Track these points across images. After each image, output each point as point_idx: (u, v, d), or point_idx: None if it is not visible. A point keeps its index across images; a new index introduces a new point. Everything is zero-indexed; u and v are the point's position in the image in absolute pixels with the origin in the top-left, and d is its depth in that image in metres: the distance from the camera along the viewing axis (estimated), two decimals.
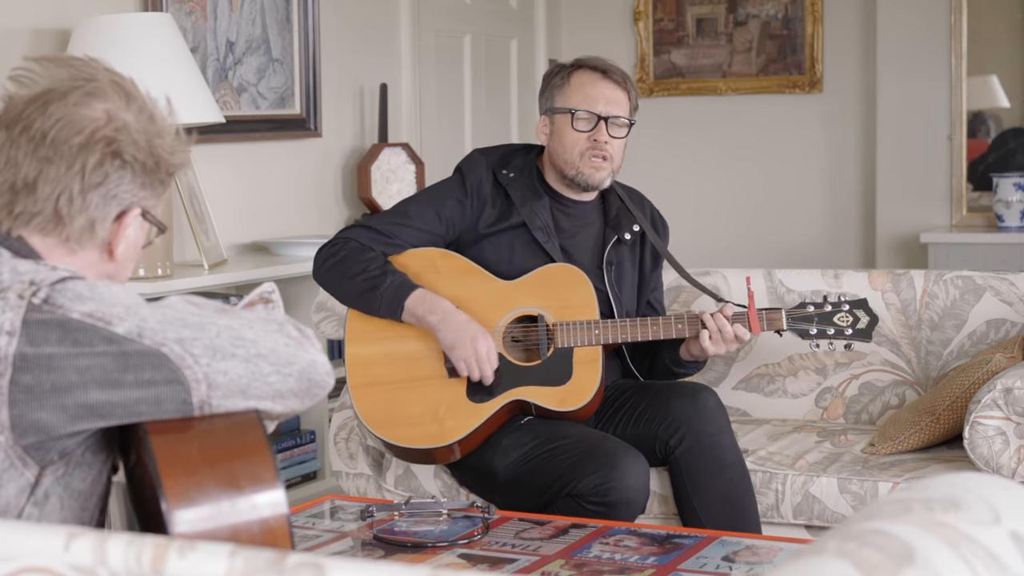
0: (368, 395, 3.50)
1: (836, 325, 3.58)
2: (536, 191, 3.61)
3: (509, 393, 3.48)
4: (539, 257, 3.57)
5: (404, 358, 3.51)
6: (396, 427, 3.49)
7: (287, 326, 1.92)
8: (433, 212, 3.57)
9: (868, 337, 3.60)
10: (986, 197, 6.23)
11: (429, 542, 2.92)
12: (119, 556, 1.35)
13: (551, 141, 3.62)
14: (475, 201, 3.59)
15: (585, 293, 3.52)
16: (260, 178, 5.26)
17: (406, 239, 3.55)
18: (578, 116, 3.56)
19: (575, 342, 3.49)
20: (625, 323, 3.51)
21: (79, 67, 1.94)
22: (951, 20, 6.22)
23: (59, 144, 1.88)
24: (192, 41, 4.83)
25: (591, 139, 3.56)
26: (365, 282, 3.46)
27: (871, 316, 3.60)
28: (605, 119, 3.56)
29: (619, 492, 3.25)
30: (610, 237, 3.65)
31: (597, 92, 3.58)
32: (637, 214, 3.69)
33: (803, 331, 3.57)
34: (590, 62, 3.64)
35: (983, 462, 3.40)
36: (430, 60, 6.16)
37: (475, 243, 3.59)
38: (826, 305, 3.59)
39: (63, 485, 1.84)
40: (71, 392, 1.77)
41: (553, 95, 3.63)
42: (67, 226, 1.91)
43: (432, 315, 3.44)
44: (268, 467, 1.80)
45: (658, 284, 3.80)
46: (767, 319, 3.55)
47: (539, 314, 3.52)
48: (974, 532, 1.25)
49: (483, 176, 3.61)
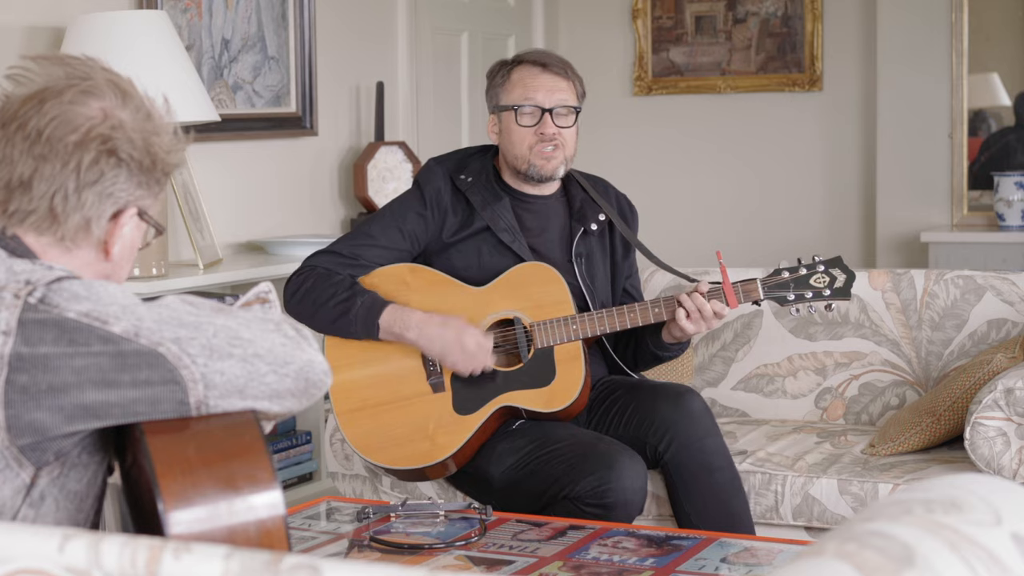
0: (355, 420, 3.51)
1: (813, 287, 3.54)
2: (495, 193, 3.61)
3: (496, 401, 3.48)
4: (508, 258, 3.57)
5: (386, 379, 3.51)
6: (387, 450, 3.49)
7: (284, 326, 1.92)
8: (395, 228, 3.57)
9: (847, 295, 3.56)
10: (987, 196, 6.24)
11: (426, 544, 2.92)
12: (113, 558, 1.35)
13: (501, 139, 3.63)
14: (436, 211, 3.59)
15: (558, 289, 3.52)
16: (256, 177, 5.26)
17: (372, 259, 3.55)
18: (522, 111, 3.57)
19: (554, 340, 3.49)
20: (602, 314, 3.50)
21: (76, 66, 1.94)
22: (952, 17, 6.22)
23: (54, 142, 1.88)
24: (187, 39, 4.83)
25: (537, 132, 3.56)
26: (336, 307, 3.47)
27: (848, 273, 3.56)
28: (549, 111, 3.56)
29: (616, 494, 3.25)
30: (576, 229, 3.64)
31: (537, 84, 3.58)
32: (602, 203, 3.68)
33: (780, 298, 3.54)
34: (529, 56, 3.65)
35: (984, 463, 3.40)
36: (427, 58, 6.16)
37: (442, 253, 3.59)
38: (800, 268, 3.55)
39: (59, 486, 1.84)
40: (67, 392, 1.77)
41: (497, 93, 3.64)
42: (62, 225, 1.91)
43: (408, 331, 3.44)
44: (265, 468, 1.80)
45: (632, 271, 3.79)
46: (743, 291, 3.52)
47: (515, 317, 3.52)
48: (975, 534, 1.26)
49: (441, 185, 3.61)
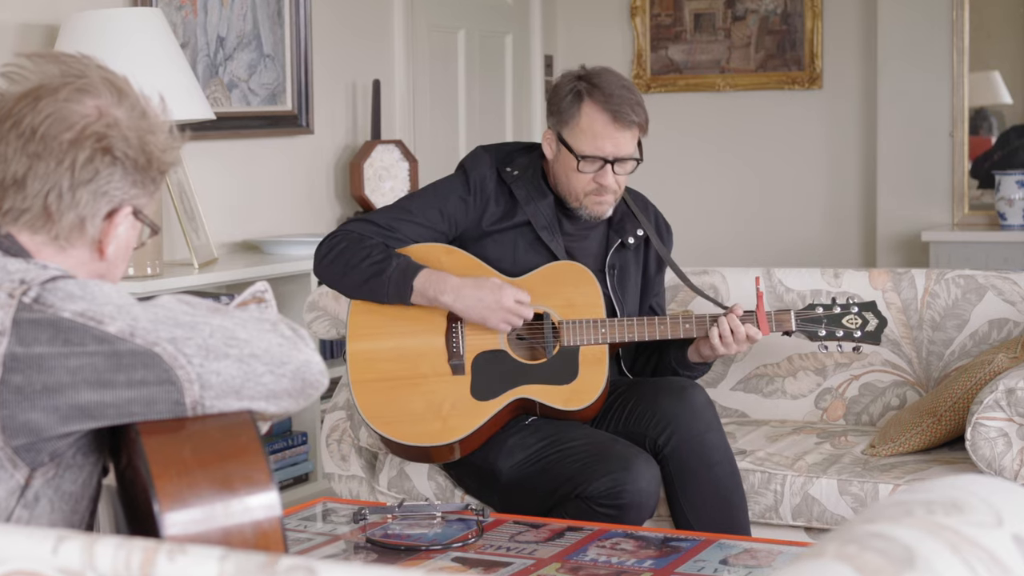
0: (370, 390, 3.49)
1: (845, 327, 3.58)
2: (541, 190, 3.59)
3: (514, 391, 3.48)
4: (543, 255, 3.56)
5: (408, 355, 3.50)
6: (397, 423, 3.48)
7: (281, 326, 1.92)
8: (436, 209, 3.56)
9: (877, 340, 3.61)
10: (988, 195, 6.24)
11: (423, 545, 2.92)
12: (108, 559, 1.35)
13: (555, 163, 3.57)
14: (478, 198, 3.58)
15: (591, 291, 3.52)
16: (251, 176, 5.26)
17: (408, 234, 3.53)
18: (584, 160, 3.48)
19: (581, 340, 3.49)
20: (632, 322, 3.50)
21: (71, 64, 1.94)
22: (952, 15, 6.22)
23: (48, 140, 1.88)
24: (182, 37, 4.83)
25: (595, 180, 3.51)
26: (370, 267, 3.44)
27: (880, 319, 3.61)
28: (612, 162, 3.50)
29: (632, 495, 3.25)
30: (613, 241, 3.64)
31: (606, 135, 3.47)
32: (642, 219, 3.67)
33: (812, 332, 3.58)
34: (601, 95, 3.48)
35: (985, 464, 3.41)
36: (424, 56, 6.16)
37: (478, 241, 3.58)
38: (835, 307, 3.59)
39: (53, 487, 1.84)
40: (62, 393, 1.77)
41: (562, 120, 3.52)
42: (56, 223, 1.91)
43: (444, 295, 3.42)
44: (262, 469, 1.80)
45: (661, 289, 3.79)
46: (776, 320, 3.56)
47: (544, 312, 3.52)
48: (976, 535, 1.26)
49: (487, 173, 3.59)
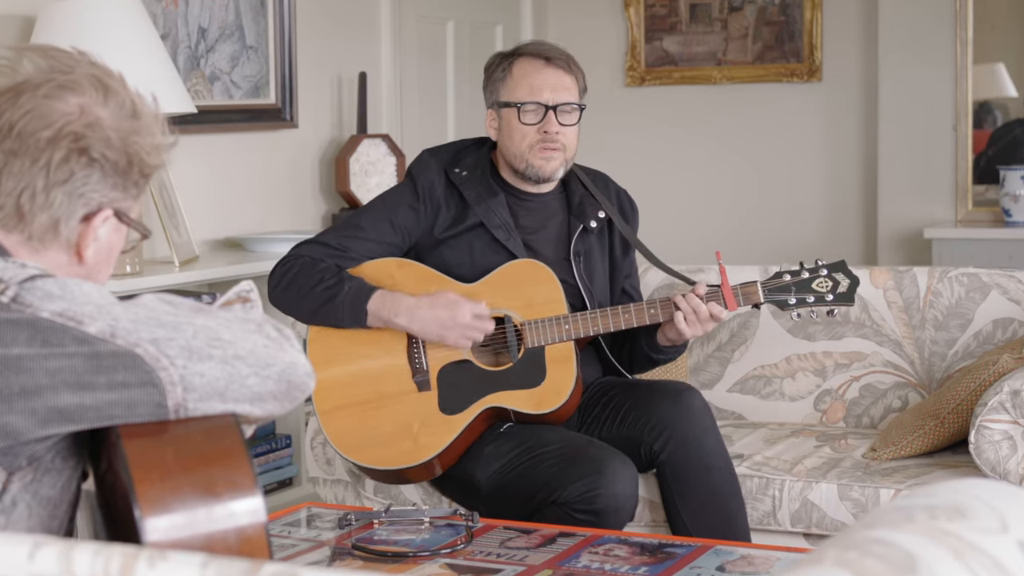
0: (337, 419, 3.50)
1: (815, 291, 3.56)
2: (491, 188, 3.60)
3: (483, 401, 3.48)
4: (502, 255, 3.57)
5: (370, 376, 3.51)
6: (369, 449, 3.49)
7: (266, 326, 1.92)
8: (386, 222, 3.57)
9: (851, 300, 3.58)
10: (992, 191, 6.25)
11: (410, 551, 2.93)
12: (86, 566, 1.34)
13: (500, 136, 3.61)
14: (428, 205, 3.59)
15: (550, 288, 3.52)
16: (233, 171, 5.26)
17: (360, 252, 3.54)
18: (524, 109, 3.55)
19: (546, 340, 3.49)
20: (596, 314, 3.50)
21: (60, 59, 1.92)
22: (956, 5, 6.23)
23: (25, 137, 1.87)
24: (162, 28, 4.83)
25: (540, 131, 3.54)
26: (323, 292, 3.46)
27: (851, 278, 3.58)
28: (553, 108, 3.54)
29: (607, 499, 3.25)
30: (575, 227, 3.64)
31: (541, 81, 3.56)
32: (602, 199, 3.68)
33: (781, 302, 3.55)
34: (530, 48, 3.62)
35: (989, 468, 3.41)
36: (411, 47, 6.16)
37: (434, 248, 3.59)
38: (803, 271, 3.57)
39: (31, 492, 1.83)
40: (41, 395, 1.76)
41: (496, 88, 3.62)
42: (28, 224, 1.89)
43: (398, 316, 3.44)
44: (246, 473, 1.80)
45: (632, 270, 3.79)
46: (742, 293, 3.53)
47: (505, 315, 3.52)
48: (980, 541, 1.26)
49: (435, 178, 3.60)
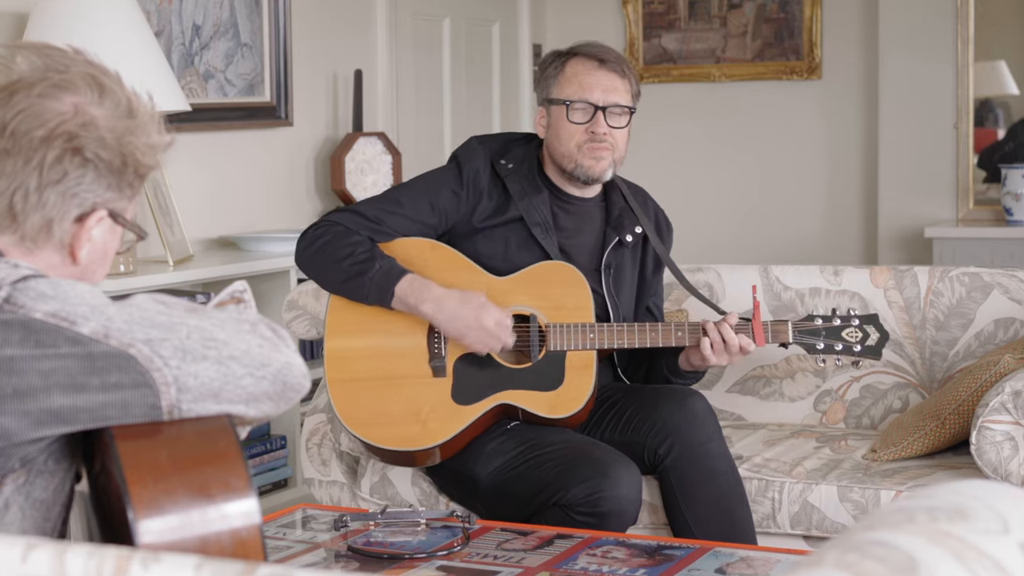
0: (347, 391, 3.49)
1: (844, 340, 3.57)
2: (536, 184, 3.60)
3: (497, 396, 3.48)
4: (535, 253, 3.56)
5: (388, 354, 3.50)
6: (375, 426, 3.48)
7: (260, 326, 1.92)
8: (426, 201, 3.56)
9: (878, 355, 3.59)
10: (994, 189, 6.25)
11: (406, 553, 2.93)
12: (79, 568, 1.34)
13: (549, 134, 3.61)
14: (471, 192, 3.58)
15: (581, 295, 3.51)
16: (228, 169, 5.26)
17: (395, 227, 3.53)
18: (574, 107, 3.55)
19: (569, 345, 3.48)
20: (623, 328, 3.50)
21: (56, 58, 1.91)
22: (956, 2, 6.24)
23: (19, 136, 1.86)
24: (156, 25, 4.83)
25: (588, 131, 3.54)
26: (352, 267, 3.44)
27: (882, 333, 3.59)
28: (603, 109, 3.54)
29: (610, 502, 3.25)
30: (611, 238, 3.64)
31: (593, 81, 3.56)
32: (640, 215, 3.68)
33: (810, 345, 3.56)
34: (585, 49, 3.62)
35: (991, 469, 3.41)
36: (407, 45, 6.16)
37: (469, 236, 3.58)
38: (835, 319, 3.58)
39: (24, 494, 1.83)
40: (34, 396, 1.76)
41: (548, 85, 3.62)
42: (21, 224, 1.89)
43: (424, 304, 3.42)
44: (240, 475, 1.80)
45: (659, 289, 3.80)
46: (772, 331, 3.54)
47: (531, 314, 3.52)
48: (981, 543, 1.26)
49: (480, 166, 3.60)
